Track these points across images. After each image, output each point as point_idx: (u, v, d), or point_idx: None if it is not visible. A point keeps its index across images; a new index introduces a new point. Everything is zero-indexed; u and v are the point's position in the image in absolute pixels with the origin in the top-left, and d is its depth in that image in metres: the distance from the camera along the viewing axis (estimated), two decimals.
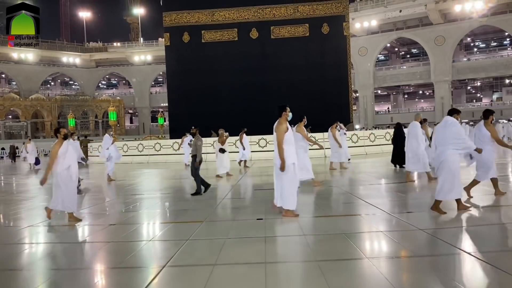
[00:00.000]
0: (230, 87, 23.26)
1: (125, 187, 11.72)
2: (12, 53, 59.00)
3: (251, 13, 23.80)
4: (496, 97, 56.21)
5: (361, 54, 54.04)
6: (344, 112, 22.85)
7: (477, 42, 56.51)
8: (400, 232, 5.34)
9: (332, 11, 23.48)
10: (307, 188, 9.45)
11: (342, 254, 4.47)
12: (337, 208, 7.46)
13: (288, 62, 23.18)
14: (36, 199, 9.91)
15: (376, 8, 51.31)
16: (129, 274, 4.21)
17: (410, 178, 9.92)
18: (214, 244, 5.06)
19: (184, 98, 23.96)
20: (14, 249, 5.39)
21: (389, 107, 63.72)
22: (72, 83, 71.49)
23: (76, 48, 65.62)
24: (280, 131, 6.31)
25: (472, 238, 4.98)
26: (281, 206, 6.46)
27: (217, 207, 7.81)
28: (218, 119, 20.89)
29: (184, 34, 24.16)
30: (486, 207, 6.69)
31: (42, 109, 56.79)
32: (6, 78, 66.20)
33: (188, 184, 12.14)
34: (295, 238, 5.20)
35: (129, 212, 7.84)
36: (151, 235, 5.94)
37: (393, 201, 7.72)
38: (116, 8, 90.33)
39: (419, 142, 9.75)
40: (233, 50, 23.74)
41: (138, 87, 66.24)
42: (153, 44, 64.33)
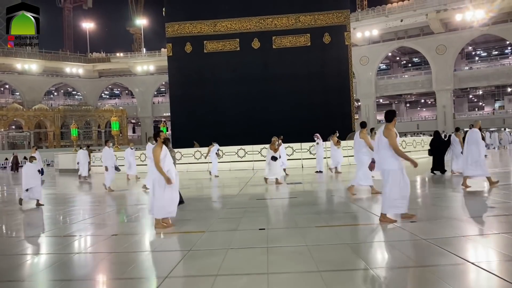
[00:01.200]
0: (232, 97, 23.32)
1: (127, 197, 11.71)
2: (16, 64, 59.53)
3: (253, 23, 23.94)
4: (498, 105, 56.16)
5: (362, 63, 54.23)
6: (346, 121, 22.86)
7: (478, 51, 56.64)
8: (403, 242, 5.31)
9: (333, 21, 23.59)
10: (312, 197, 9.42)
11: (345, 264, 4.44)
12: (340, 218, 7.41)
13: (289, 71, 23.25)
14: (38, 210, 9.90)
15: (377, 18, 51.60)
16: (130, 285, 4.19)
17: (466, 184, 9.92)
18: (216, 255, 5.04)
19: (186, 108, 24.03)
20: (15, 260, 5.37)
21: None
22: (75, 93, 71.89)
23: (79, 59, 66.13)
24: (392, 136, 6.17)
25: (476, 247, 4.94)
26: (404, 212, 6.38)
27: (219, 216, 7.79)
28: (220, 129, 20.97)
29: (186, 45, 24.30)
30: (494, 216, 6.64)
31: (45, 119, 57.02)
32: (9, 89, 66.66)
33: (190, 193, 12.12)
34: (297, 248, 5.17)
35: (131, 222, 7.82)
36: (153, 246, 5.92)
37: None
38: (119, 19, 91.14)
39: (479, 148, 9.94)
40: (235, 60, 23.84)
41: (141, 97, 66.53)
42: (155, 54, 64.77)
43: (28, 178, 10.15)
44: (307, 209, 8.21)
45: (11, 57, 59.40)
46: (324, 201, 9.37)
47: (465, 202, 8.26)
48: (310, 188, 11.83)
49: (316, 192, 11.08)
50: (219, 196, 11.28)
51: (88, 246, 6.16)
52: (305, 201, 9.47)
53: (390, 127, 6.28)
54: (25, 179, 10.17)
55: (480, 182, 10.13)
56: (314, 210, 8.10)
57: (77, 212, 9.39)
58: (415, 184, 11.46)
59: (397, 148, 6.13)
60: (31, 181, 10.12)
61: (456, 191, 9.59)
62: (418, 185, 11.49)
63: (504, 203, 7.62)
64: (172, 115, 25.62)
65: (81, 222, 7.97)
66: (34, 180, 10.16)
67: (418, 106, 64.78)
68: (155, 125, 66.44)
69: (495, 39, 51.31)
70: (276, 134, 13.41)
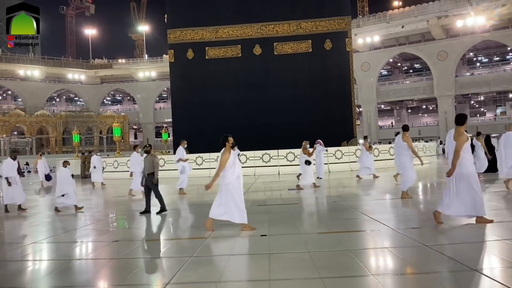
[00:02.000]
0: (234, 103, 23.36)
1: (129, 203, 11.70)
2: (18, 70, 59.81)
3: (255, 29, 24.04)
4: (500, 111, 56.10)
5: (364, 69, 54.32)
6: (347, 127, 22.87)
7: (479, 57, 56.69)
8: (405, 248, 5.29)
9: (334, 27, 23.67)
10: (314, 203, 9.40)
11: (347, 270, 4.43)
12: (341, 224, 7.40)
13: (291, 77, 23.30)
14: (40, 215, 9.90)
15: (378, 24, 51.74)
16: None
17: (508, 185, 10.15)
18: (217, 261, 5.03)
19: (188, 114, 24.07)
20: (17, 266, 5.37)
21: (393, 121, 63.70)
22: (77, 99, 72.10)
23: (81, 65, 66.40)
24: (461, 141, 6.19)
25: (479, 254, 4.92)
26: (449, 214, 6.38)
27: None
28: (222, 134, 20.98)
29: (188, 51, 24.39)
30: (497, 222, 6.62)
31: (47, 125, 57.14)
32: (12, 95, 66.91)
33: (191, 200, 12.12)
34: (299, 255, 5.15)
35: (133, 229, 7.82)
36: (154, 252, 5.92)
37: (398, 216, 7.66)
38: (121, 25, 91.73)
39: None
40: (237, 66, 23.91)
41: (143, 103, 66.70)
42: (157, 60, 64.98)
43: (63, 183, 10.05)
44: (309, 215, 8.20)
45: (14, 63, 59.69)
46: (326, 207, 9.35)
47: None
48: (313, 194, 11.82)
49: (318, 198, 11.07)
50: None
51: (90, 252, 6.15)
52: (307, 207, 9.46)
53: (461, 130, 6.31)
54: (60, 184, 10.09)
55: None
56: (316, 216, 8.09)
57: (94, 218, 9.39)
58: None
59: (458, 152, 6.16)
60: (65, 186, 10.03)
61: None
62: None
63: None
64: (173, 121, 25.65)
65: (83, 228, 7.97)
66: (68, 186, 10.06)
67: (420, 112, 64.75)
68: (156, 131, 66.55)
69: (496, 45, 51.36)
70: (277, 139, 13.43)
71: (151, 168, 9.25)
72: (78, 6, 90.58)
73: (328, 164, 19.17)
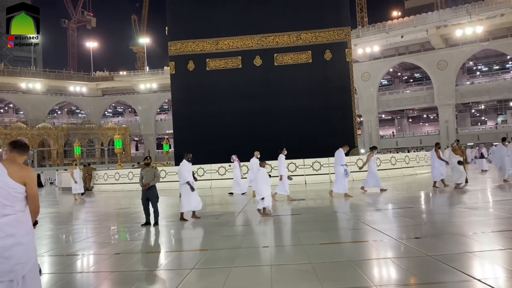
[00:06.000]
0: (235, 114, 23.38)
1: (130, 215, 11.68)
2: (20, 83, 60.15)
3: (255, 41, 24.16)
4: (501, 120, 56.12)
5: (364, 79, 54.50)
6: (348, 136, 22.82)
7: (479, 65, 56.92)
8: (408, 258, 5.26)
9: (334, 38, 23.78)
10: (316, 214, 9.34)
11: (349, 282, 4.40)
12: (344, 235, 7.37)
13: (291, 88, 23.34)
14: (41, 228, 9.87)
15: (378, 34, 52.04)
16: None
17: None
18: (219, 273, 5.00)
19: (189, 125, 24.08)
20: None
21: (394, 131, 63.74)
22: (78, 111, 72.39)
23: (83, 77, 66.78)
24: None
25: (483, 264, 4.89)
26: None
27: (222, 234, 7.74)
28: (223, 146, 20.97)
29: (189, 63, 24.49)
30: (499, 231, 6.58)
31: (49, 138, 57.28)
32: (14, 108, 67.21)
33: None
34: (301, 266, 5.12)
35: (134, 241, 7.79)
36: (155, 264, 5.88)
37: (400, 226, 7.62)
38: (123, 38, 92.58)
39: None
40: (237, 77, 23.98)
41: (144, 115, 66.89)
42: (158, 72, 65.31)
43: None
44: (311, 226, 8.17)
45: (16, 77, 60.05)
46: (328, 218, 9.31)
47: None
48: (314, 205, 11.78)
49: (319, 208, 11.03)
50: (222, 213, 11.23)
51: (91, 265, 6.12)
52: (308, 217, 9.42)
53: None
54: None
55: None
56: (318, 226, 8.06)
57: (98, 230, 9.35)
58: None
59: None
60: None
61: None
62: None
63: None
64: (175, 133, 25.67)
65: (84, 240, 7.95)
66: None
67: (421, 121, 64.83)
68: (158, 143, 66.64)
69: (496, 53, 51.61)
70: (278, 150, 13.38)
71: (152, 180, 9.27)
72: (79, 19, 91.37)
73: (330, 175, 19.14)
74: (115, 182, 23.25)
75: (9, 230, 3.08)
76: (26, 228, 3.19)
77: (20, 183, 3.16)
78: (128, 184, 22.22)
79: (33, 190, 3.24)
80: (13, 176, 3.15)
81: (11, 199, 3.12)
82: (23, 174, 3.21)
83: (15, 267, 3.07)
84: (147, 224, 9.12)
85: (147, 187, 9.19)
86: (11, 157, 3.34)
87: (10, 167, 3.20)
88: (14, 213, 3.13)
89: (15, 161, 3.31)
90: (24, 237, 3.13)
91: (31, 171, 3.30)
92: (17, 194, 3.14)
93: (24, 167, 3.29)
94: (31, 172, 3.28)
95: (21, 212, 3.18)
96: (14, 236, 3.08)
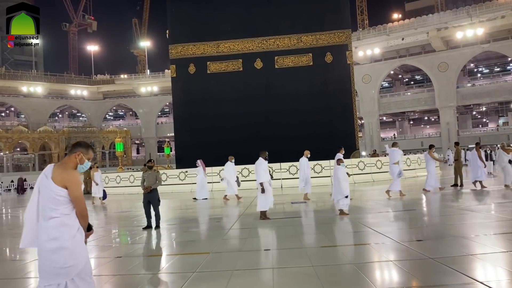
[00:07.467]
0: (236, 117, 23.38)
1: (131, 218, 11.67)
2: (21, 87, 60.23)
3: (256, 44, 24.19)
4: (502, 121, 56.06)
5: (365, 81, 54.48)
6: (349, 139, 22.80)
7: (480, 67, 56.91)
8: (410, 261, 5.24)
9: (335, 41, 23.79)
10: (318, 217, 9.32)
11: (352, 285, 4.38)
12: (346, 238, 7.35)
13: (292, 91, 23.35)
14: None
15: (378, 37, 52.08)
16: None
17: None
18: (221, 276, 4.98)
19: (190, 128, 24.09)
20: (19, 284, 5.33)
21: (395, 133, 63.69)
22: (79, 115, 72.46)
23: (84, 81, 66.86)
24: None
25: (485, 266, 4.87)
26: None
27: (223, 237, 7.73)
28: (224, 148, 20.94)
29: (190, 66, 24.52)
30: (503, 234, 6.56)
31: (50, 141, 57.32)
32: (15, 111, 67.33)
33: (194, 215, 12.08)
34: (303, 269, 5.11)
35: (135, 244, 7.78)
36: (157, 268, 5.87)
37: (402, 229, 7.60)
38: (123, 41, 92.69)
39: None
40: (238, 80, 23.99)
41: (145, 118, 66.95)
42: (159, 75, 65.39)
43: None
44: (312, 228, 8.15)
45: (17, 80, 60.14)
46: (329, 220, 9.29)
47: None
48: (315, 207, 11.76)
49: (321, 211, 11.02)
50: (223, 216, 11.22)
51: (92, 268, 6.10)
52: (310, 220, 9.41)
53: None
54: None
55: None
56: (319, 229, 8.04)
57: None
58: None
59: None
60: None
61: None
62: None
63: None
64: (175, 136, 25.68)
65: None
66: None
67: (422, 123, 64.77)
68: (159, 146, 66.67)
69: (497, 55, 51.61)
70: (279, 153, 13.45)
71: (155, 182, 9.27)
72: (80, 23, 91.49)
73: (331, 177, 19.10)
74: (116, 185, 23.26)
75: (54, 233, 3.10)
76: (71, 232, 3.18)
77: (61, 186, 3.15)
78: (129, 187, 22.23)
79: (75, 193, 3.20)
80: (55, 179, 3.16)
81: (55, 202, 3.13)
82: (64, 177, 3.18)
83: (60, 271, 3.09)
84: (149, 227, 9.11)
85: (148, 190, 9.19)
86: (66, 159, 3.35)
87: (56, 169, 3.20)
88: (59, 216, 3.13)
89: (64, 163, 3.31)
90: (68, 242, 3.13)
91: (72, 174, 3.25)
92: (59, 197, 3.14)
93: (66, 170, 3.25)
94: (72, 176, 3.24)
95: (66, 215, 3.17)
96: (58, 240, 3.09)
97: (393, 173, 12.80)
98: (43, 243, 3.12)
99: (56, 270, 3.07)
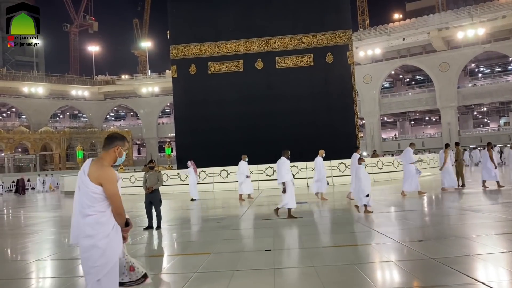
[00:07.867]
0: (237, 117, 23.37)
1: (132, 219, 11.66)
2: (22, 88, 60.31)
3: (256, 44, 24.18)
4: (503, 121, 55.98)
5: (366, 81, 54.43)
6: (351, 139, 22.79)
7: (481, 67, 56.82)
8: (411, 261, 5.23)
9: (335, 41, 23.78)
10: (318, 217, 9.31)
11: (353, 285, 4.38)
12: (347, 238, 7.34)
13: (293, 91, 23.33)
14: (44, 232, 9.88)
15: (379, 37, 52.03)
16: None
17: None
18: (222, 277, 4.99)
19: (191, 128, 24.09)
20: (21, 285, 5.34)
21: (396, 133, 63.62)
22: (80, 115, 72.53)
23: (85, 82, 66.93)
24: None
25: (486, 267, 4.86)
26: None
27: (225, 237, 7.73)
28: (225, 149, 20.98)
29: (191, 66, 24.52)
30: (505, 234, 6.55)
31: (51, 142, 57.39)
32: (16, 112, 67.42)
33: (195, 215, 12.08)
34: (304, 270, 5.11)
35: (137, 244, 7.78)
36: (158, 268, 5.87)
37: (403, 229, 7.59)
38: (124, 42, 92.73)
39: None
40: (239, 80, 23.99)
41: (146, 118, 66.99)
42: (160, 76, 65.42)
43: None
44: (313, 229, 8.15)
45: (18, 81, 60.22)
46: (330, 221, 9.29)
47: None
48: (316, 208, 11.76)
49: (322, 212, 11.01)
50: (224, 216, 11.22)
51: None
52: (311, 221, 9.40)
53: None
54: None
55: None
56: (320, 230, 8.04)
57: None
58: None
59: None
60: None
61: None
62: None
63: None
64: (176, 136, 25.69)
65: None
66: None
67: (423, 124, 64.69)
68: (160, 146, 66.70)
69: (498, 56, 51.53)
70: (280, 153, 13.40)
71: (156, 183, 9.28)
72: (81, 23, 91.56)
73: (332, 177, 19.14)
74: None
75: (89, 231, 3.07)
76: (105, 230, 3.12)
77: (96, 183, 3.10)
78: (130, 187, 22.24)
79: (110, 191, 3.13)
80: (91, 176, 3.12)
81: (91, 200, 3.10)
82: (99, 174, 3.12)
83: (90, 270, 3.07)
84: (150, 228, 9.12)
85: (150, 190, 9.20)
86: (103, 154, 3.31)
87: (93, 166, 3.16)
88: (94, 213, 3.10)
89: (101, 159, 3.27)
90: (102, 241, 3.08)
91: (107, 171, 3.16)
92: (94, 194, 3.10)
93: (102, 167, 3.18)
94: (107, 173, 3.15)
95: (101, 213, 3.13)
96: (92, 237, 3.07)
97: (410, 173, 12.69)
98: (81, 240, 3.11)
99: (88, 268, 3.06)
